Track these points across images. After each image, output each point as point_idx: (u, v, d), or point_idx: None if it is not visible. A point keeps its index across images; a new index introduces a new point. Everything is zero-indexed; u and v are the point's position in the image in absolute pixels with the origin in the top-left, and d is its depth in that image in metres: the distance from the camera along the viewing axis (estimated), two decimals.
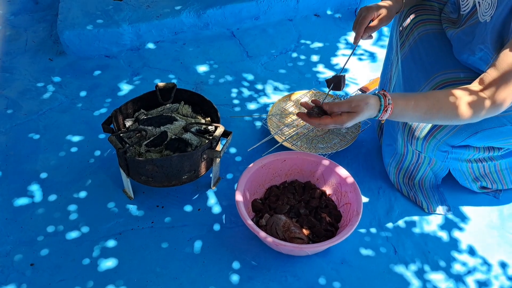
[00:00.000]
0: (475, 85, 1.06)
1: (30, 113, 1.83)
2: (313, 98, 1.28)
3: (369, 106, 1.01)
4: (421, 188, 1.52)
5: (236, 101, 1.93)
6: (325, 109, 1.06)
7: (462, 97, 1.03)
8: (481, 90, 1.04)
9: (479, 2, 1.18)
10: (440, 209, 1.50)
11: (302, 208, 1.43)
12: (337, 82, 1.25)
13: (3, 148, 1.68)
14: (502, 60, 1.02)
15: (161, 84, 1.56)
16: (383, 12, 1.28)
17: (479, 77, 1.06)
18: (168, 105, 1.57)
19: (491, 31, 1.12)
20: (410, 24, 1.40)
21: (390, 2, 1.31)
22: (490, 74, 1.03)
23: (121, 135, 1.41)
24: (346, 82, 1.49)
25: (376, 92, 1.05)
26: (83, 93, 1.93)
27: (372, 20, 1.29)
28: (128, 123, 1.51)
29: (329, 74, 2.09)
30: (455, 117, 1.03)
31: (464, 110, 1.02)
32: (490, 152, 1.32)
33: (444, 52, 1.33)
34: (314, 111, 1.08)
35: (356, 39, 1.30)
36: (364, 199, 1.53)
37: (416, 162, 1.45)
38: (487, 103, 1.02)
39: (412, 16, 1.41)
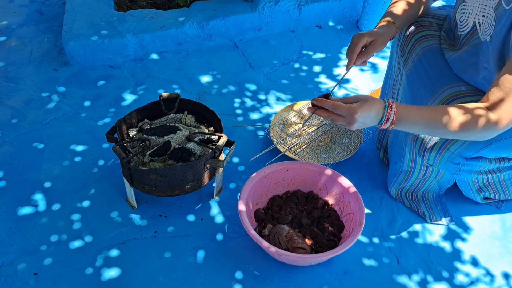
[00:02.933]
0: (480, 104, 1.07)
1: (34, 123, 1.84)
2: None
3: (374, 99, 1.03)
4: (424, 199, 1.52)
5: (238, 111, 1.94)
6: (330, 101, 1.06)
7: (466, 113, 1.04)
8: (487, 108, 1.05)
9: (479, 22, 1.20)
10: (443, 220, 1.50)
11: (304, 218, 1.43)
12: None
13: (8, 157, 1.69)
14: (504, 79, 1.03)
15: (164, 94, 1.58)
16: (376, 38, 1.28)
17: (485, 95, 1.07)
18: (171, 115, 1.59)
19: (493, 50, 1.14)
20: (412, 41, 1.41)
21: (383, 28, 1.32)
22: (494, 93, 1.05)
23: (125, 144, 1.43)
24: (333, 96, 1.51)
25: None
26: (87, 103, 1.95)
27: (365, 47, 1.29)
28: (132, 132, 1.53)
29: (331, 84, 2.11)
30: (458, 131, 1.04)
31: (466, 125, 1.03)
32: (500, 163, 1.31)
33: (447, 66, 1.33)
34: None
35: (348, 65, 1.30)
36: (367, 210, 1.53)
37: (423, 176, 1.45)
38: (492, 121, 1.03)
39: (413, 33, 1.42)
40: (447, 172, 1.37)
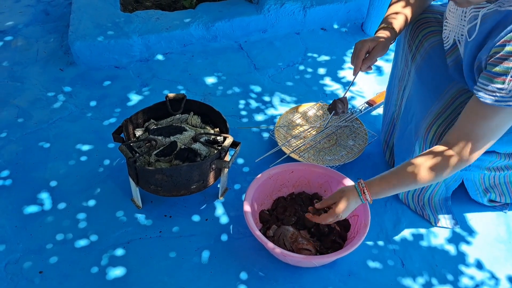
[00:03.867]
0: (440, 148, 1.13)
1: (40, 122, 1.85)
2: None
3: (346, 192, 1.20)
4: (429, 202, 1.52)
5: (243, 112, 1.95)
6: (317, 208, 1.27)
7: (428, 162, 1.12)
8: (447, 150, 1.11)
9: (459, 40, 1.22)
10: (448, 223, 1.50)
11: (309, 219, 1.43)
12: (333, 106, 1.40)
13: (14, 156, 1.69)
14: (462, 121, 1.10)
15: (171, 94, 1.58)
16: (378, 43, 1.33)
17: (443, 139, 1.15)
18: (177, 115, 1.59)
19: (466, 71, 1.19)
20: (419, 37, 1.42)
21: (385, 34, 1.35)
22: (452, 135, 1.12)
23: (131, 144, 1.43)
24: (348, 101, 1.60)
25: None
26: (93, 103, 1.96)
27: (369, 52, 1.35)
28: (138, 132, 1.53)
29: (336, 87, 2.11)
30: (429, 180, 1.13)
31: (435, 175, 1.12)
32: (510, 159, 1.32)
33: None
34: (318, 212, 1.29)
35: (355, 71, 1.37)
36: (371, 212, 1.53)
37: None
38: (454, 160, 1.10)
39: (419, 29, 1.43)
40: None
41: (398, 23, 1.38)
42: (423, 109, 1.33)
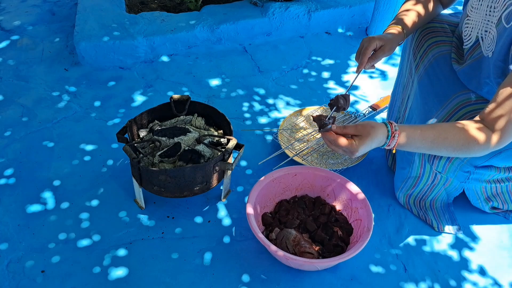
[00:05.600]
0: (477, 119, 1.08)
1: (44, 121, 1.85)
2: (322, 114, 1.30)
3: (376, 130, 1.02)
4: (432, 207, 1.52)
5: (247, 115, 1.95)
6: (334, 131, 1.06)
7: (467, 130, 1.05)
8: (483, 124, 1.06)
9: (482, 37, 1.20)
10: (450, 229, 1.49)
11: (311, 223, 1.43)
12: (335, 103, 1.27)
13: (17, 155, 1.70)
14: (501, 95, 1.04)
15: (175, 96, 1.59)
16: (385, 43, 1.29)
17: (481, 111, 1.08)
18: (182, 117, 1.60)
19: (494, 66, 1.15)
20: (424, 46, 1.42)
21: (392, 34, 1.33)
22: (490, 109, 1.05)
23: (135, 145, 1.43)
24: (350, 100, 1.48)
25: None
26: (97, 103, 1.96)
27: (375, 51, 1.30)
28: (142, 133, 1.54)
29: (340, 90, 2.12)
30: (460, 148, 1.05)
31: (468, 142, 1.04)
32: (510, 172, 1.31)
33: (454, 75, 1.34)
34: (329, 122, 1.08)
35: (359, 69, 1.31)
36: (373, 216, 1.53)
37: (431, 183, 1.44)
38: (493, 141, 1.04)
39: (425, 38, 1.43)
40: (456, 180, 1.37)
41: (408, 27, 1.35)
42: (423, 121, 1.33)
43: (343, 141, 1.02)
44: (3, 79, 2.08)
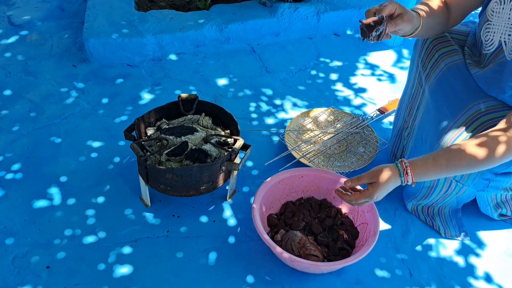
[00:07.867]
0: (501, 125, 1.06)
1: (52, 117, 1.86)
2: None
3: (386, 173, 1.07)
4: (439, 214, 1.51)
5: (254, 115, 1.95)
6: (347, 187, 1.17)
7: (481, 142, 1.04)
8: (508, 130, 1.04)
9: (505, 41, 1.19)
10: (457, 234, 1.48)
11: (317, 225, 1.43)
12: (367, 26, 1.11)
13: (25, 150, 1.70)
14: None
15: (183, 95, 1.59)
16: (405, 13, 1.17)
17: (506, 117, 1.06)
18: (189, 116, 1.59)
19: None
20: (435, 56, 1.39)
21: (414, 13, 1.21)
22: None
23: (142, 143, 1.43)
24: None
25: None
26: (104, 100, 1.96)
27: (392, 17, 1.15)
28: (150, 131, 1.54)
29: (348, 93, 2.11)
30: (480, 162, 1.05)
31: (489, 153, 1.04)
32: None
33: (471, 83, 1.31)
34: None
35: (380, 13, 1.12)
36: (380, 220, 1.52)
37: (444, 192, 1.42)
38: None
39: (436, 48, 1.40)
40: (474, 188, 1.33)
41: (425, 19, 1.25)
42: (438, 131, 1.30)
43: (358, 196, 1.12)
44: (11, 74, 2.09)
